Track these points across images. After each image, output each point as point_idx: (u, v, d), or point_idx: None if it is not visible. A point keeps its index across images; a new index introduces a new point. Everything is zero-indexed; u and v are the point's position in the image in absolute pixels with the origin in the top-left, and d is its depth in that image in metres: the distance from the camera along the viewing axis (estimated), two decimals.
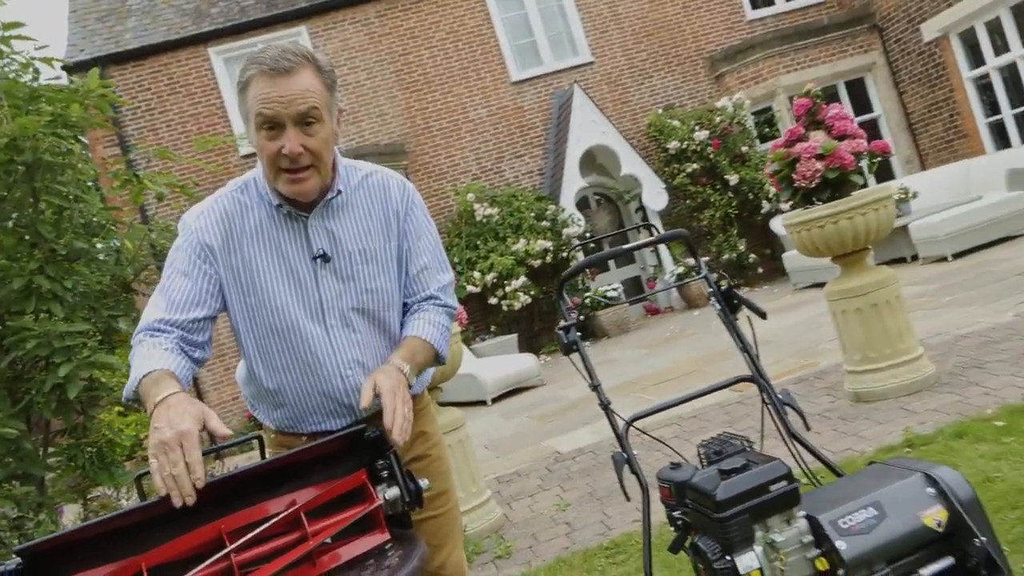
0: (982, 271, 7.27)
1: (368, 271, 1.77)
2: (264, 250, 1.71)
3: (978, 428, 3.32)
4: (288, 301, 1.72)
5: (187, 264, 1.70)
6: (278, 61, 1.57)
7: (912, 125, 12.70)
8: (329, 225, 1.74)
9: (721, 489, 1.89)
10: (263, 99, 1.58)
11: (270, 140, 1.60)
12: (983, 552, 1.84)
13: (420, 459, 1.93)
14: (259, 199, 1.73)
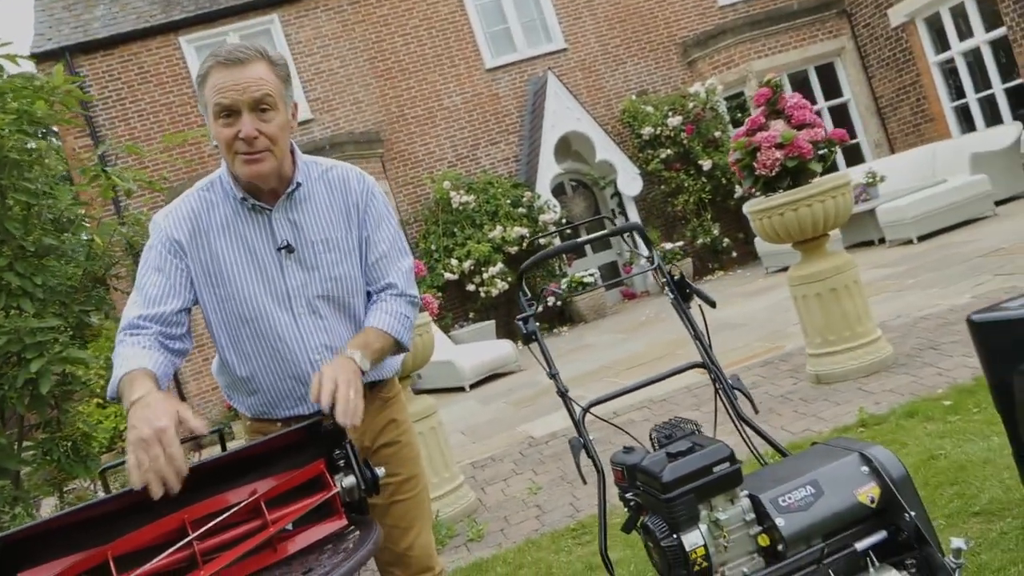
0: (945, 254, 7.45)
1: (331, 259, 1.84)
2: (230, 243, 1.79)
3: (927, 407, 3.45)
4: (256, 291, 1.79)
5: (159, 260, 1.77)
6: (232, 53, 1.67)
7: (881, 109, 12.88)
8: (292, 216, 1.82)
9: (667, 471, 1.99)
10: (219, 88, 1.66)
11: (227, 127, 1.68)
12: (912, 526, 1.96)
13: (390, 445, 2.00)
14: (224, 195, 1.81)
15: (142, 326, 1.73)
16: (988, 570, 2.07)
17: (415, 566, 2.02)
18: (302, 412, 1.87)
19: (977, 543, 2.24)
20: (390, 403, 2.01)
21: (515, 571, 3.17)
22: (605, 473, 2.36)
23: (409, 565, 2.01)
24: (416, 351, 4.07)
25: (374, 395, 1.96)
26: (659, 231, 12.14)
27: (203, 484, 1.58)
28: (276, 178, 1.78)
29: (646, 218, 12.25)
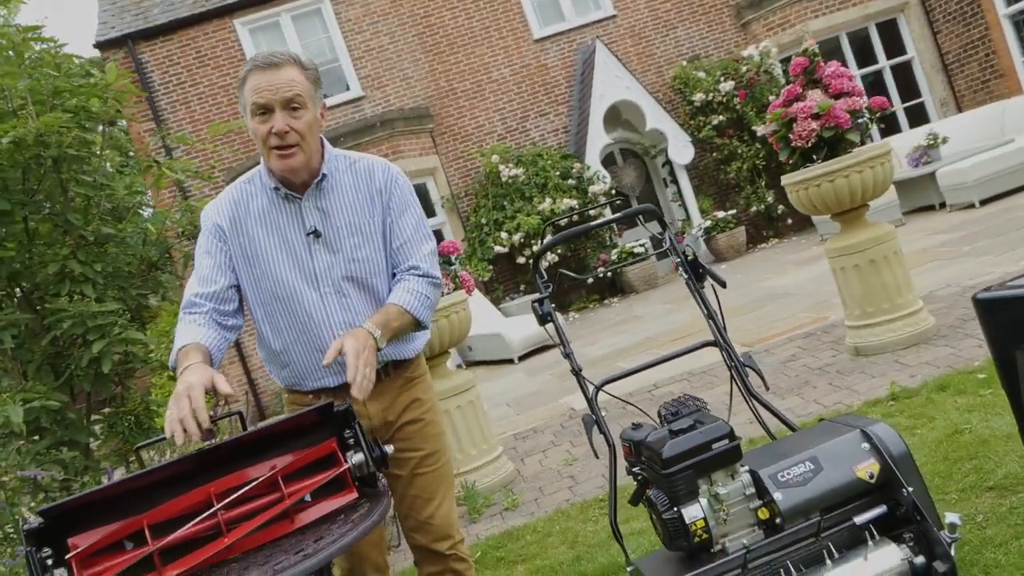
0: (1007, 218, 7.20)
1: (354, 242, 2.01)
2: (265, 229, 2.00)
3: (960, 381, 3.43)
4: (287, 272, 1.99)
5: (208, 245, 2.01)
6: (268, 58, 1.89)
7: (947, 66, 12.36)
8: (320, 204, 2.00)
9: (668, 447, 2.08)
10: (255, 89, 1.88)
11: (262, 123, 1.89)
12: (910, 501, 2.01)
13: (414, 423, 2.13)
14: (262, 187, 2.02)
15: (198, 303, 1.95)
16: (991, 544, 2.10)
17: (436, 533, 2.17)
18: (328, 384, 2.05)
19: (986, 517, 2.26)
20: (415, 382, 2.14)
21: (543, 539, 3.31)
22: (616, 448, 2.46)
23: (430, 531, 2.16)
24: (453, 327, 4.21)
25: (398, 374, 2.10)
26: (711, 199, 11.99)
27: (227, 461, 1.75)
28: (306, 171, 1.97)
29: (698, 186, 12.10)
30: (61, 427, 3.61)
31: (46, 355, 3.62)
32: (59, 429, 3.60)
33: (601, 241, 11.35)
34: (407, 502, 2.15)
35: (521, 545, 3.34)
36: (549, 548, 3.21)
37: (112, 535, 1.64)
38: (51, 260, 3.55)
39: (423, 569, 2.21)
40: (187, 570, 1.61)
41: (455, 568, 2.19)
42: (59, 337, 3.61)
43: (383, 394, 2.05)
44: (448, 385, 4.28)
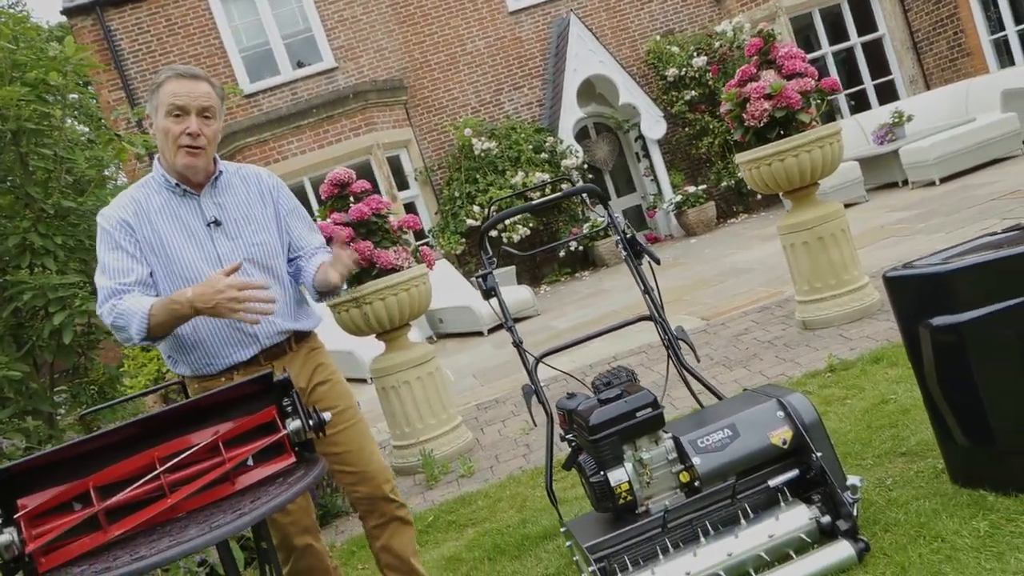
0: (962, 196, 7.38)
1: (251, 229, 2.25)
2: (169, 222, 2.18)
3: (893, 353, 3.58)
4: (194, 259, 2.17)
5: (116, 240, 2.14)
6: (188, 70, 2.15)
7: (917, 44, 12.50)
8: (216, 200, 2.23)
9: (595, 415, 2.21)
10: (175, 93, 2.11)
11: (176, 123, 2.10)
12: (819, 466, 2.16)
13: (323, 383, 2.33)
14: (158, 186, 2.21)
15: (124, 289, 2.10)
16: (895, 505, 2.26)
17: (378, 477, 2.35)
18: (240, 359, 2.20)
19: (894, 481, 2.42)
20: (316, 351, 2.37)
21: (494, 504, 3.45)
22: (554, 417, 2.59)
23: (372, 478, 2.34)
24: (413, 300, 4.31)
25: (301, 345, 2.31)
26: (683, 174, 12.10)
27: (170, 427, 1.85)
28: (204, 173, 2.20)
29: (670, 161, 12.21)
30: (24, 397, 3.69)
31: (8, 326, 3.68)
32: (22, 399, 3.68)
33: (574, 215, 11.45)
34: (339, 459, 2.32)
35: (472, 510, 3.48)
36: (499, 512, 3.35)
37: (59, 496, 1.74)
38: (12, 233, 3.61)
39: (369, 520, 2.37)
40: (131, 529, 1.72)
41: (398, 515, 2.37)
42: (21, 308, 3.67)
43: (292, 363, 2.24)
44: (408, 357, 4.40)
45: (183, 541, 1.57)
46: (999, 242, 2.16)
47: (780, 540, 2.14)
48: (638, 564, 2.16)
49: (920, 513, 2.16)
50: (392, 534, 2.36)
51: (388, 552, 2.37)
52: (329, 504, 3.99)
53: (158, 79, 2.13)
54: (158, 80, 2.12)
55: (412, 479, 4.31)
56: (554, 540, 2.87)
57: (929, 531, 2.05)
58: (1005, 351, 2.00)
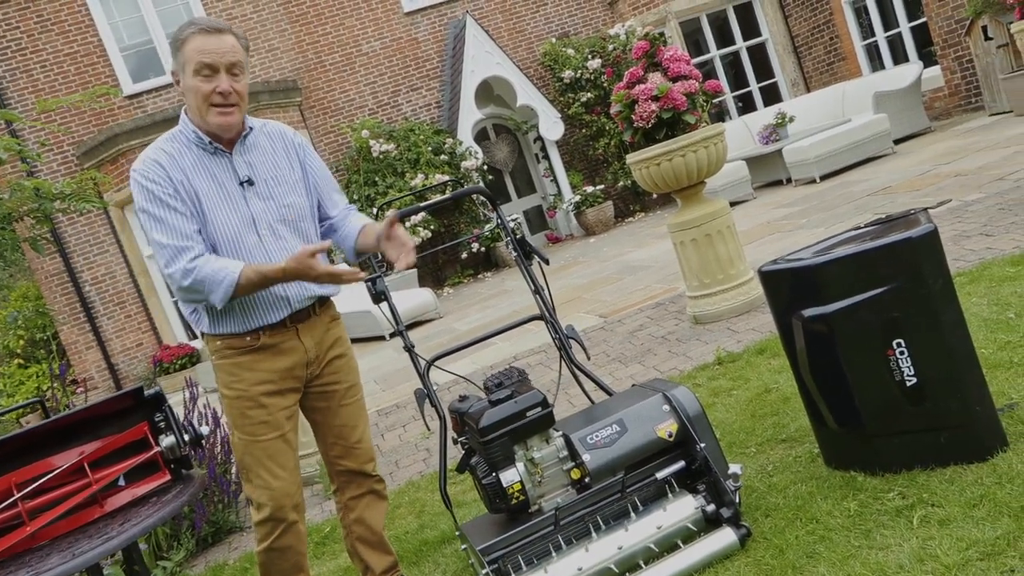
0: (840, 193, 7.80)
1: (282, 190, 2.20)
2: (204, 180, 2.11)
3: (776, 345, 3.74)
4: (229, 217, 2.12)
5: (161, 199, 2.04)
6: (211, 24, 2.05)
7: (797, 48, 13.13)
8: (247, 158, 2.17)
9: (485, 417, 2.21)
10: (202, 50, 2.01)
11: (205, 82, 2.03)
12: (703, 456, 2.22)
13: (340, 357, 2.32)
14: (188, 142, 2.12)
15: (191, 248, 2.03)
16: (775, 490, 2.35)
17: (363, 456, 2.36)
18: (269, 321, 2.15)
19: (775, 467, 2.52)
20: (336, 322, 2.35)
21: (393, 511, 3.40)
22: (447, 420, 2.57)
23: (358, 455, 2.35)
24: None
25: (323, 311, 2.28)
26: (582, 174, 12.31)
27: (30, 450, 1.73)
28: (235, 130, 2.13)
29: (569, 161, 12.40)
30: None
31: None
32: None
33: (474, 216, 11.46)
34: (334, 431, 2.32)
35: None
36: (397, 519, 3.31)
37: None
38: None
39: (346, 493, 2.37)
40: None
41: (375, 489, 2.39)
42: None
43: (315, 328, 2.22)
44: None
45: (42, 572, 1.47)
46: (863, 236, 2.28)
47: (668, 531, 2.20)
48: (531, 563, 2.17)
49: (797, 497, 2.25)
50: (367, 506, 2.38)
51: (361, 524, 2.37)
52: (221, 520, 3.85)
53: (180, 35, 2.03)
54: (180, 36, 2.02)
55: (309, 489, 4.20)
56: (452, 544, 2.85)
57: (805, 513, 2.14)
58: (870, 339, 2.11)
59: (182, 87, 2.07)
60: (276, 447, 2.13)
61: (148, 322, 10.87)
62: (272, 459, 2.11)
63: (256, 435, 2.10)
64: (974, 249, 4.28)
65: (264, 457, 2.10)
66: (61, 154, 10.55)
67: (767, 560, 2.00)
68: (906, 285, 2.05)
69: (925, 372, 2.07)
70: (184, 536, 3.62)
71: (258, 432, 2.10)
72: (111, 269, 10.79)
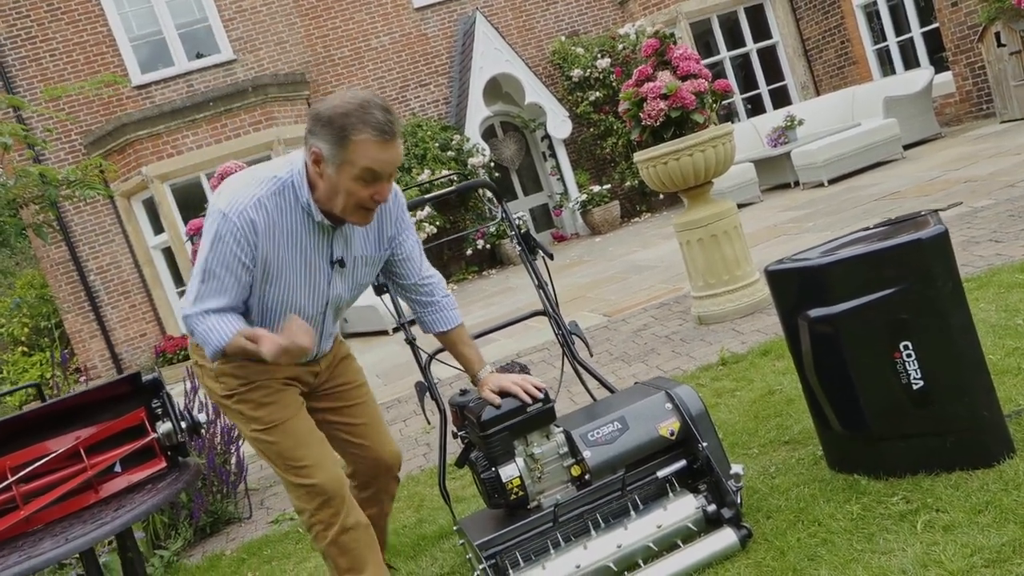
0: (848, 197, 7.75)
1: (363, 272, 2.11)
2: (292, 251, 1.93)
3: (780, 346, 3.71)
4: (302, 295, 2.00)
5: (233, 260, 1.87)
6: (389, 127, 1.80)
7: (808, 51, 13.08)
8: (346, 234, 2.01)
9: (486, 411, 2.18)
10: (377, 161, 1.81)
11: (365, 187, 1.83)
12: (704, 456, 2.19)
13: (347, 358, 2.36)
14: (295, 204, 1.90)
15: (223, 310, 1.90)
16: (778, 491, 2.33)
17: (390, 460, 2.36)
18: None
19: (777, 468, 2.49)
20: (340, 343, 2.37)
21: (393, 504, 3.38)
22: (447, 414, 2.55)
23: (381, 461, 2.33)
24: None
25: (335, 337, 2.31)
26: (588, 173, 12.28)
27: (25, 434, 1.72)
28: None
29: (576, 160, 12.37)
30: None
31: None
32: None
33: (480, 213, 11.44)
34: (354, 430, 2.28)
35: None
36: (396, 513, 3.28)
37: None
38: None
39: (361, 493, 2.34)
40: None
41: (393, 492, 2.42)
42: None
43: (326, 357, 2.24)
44: None
45: (34, 556, 1.45)
46: (870, 237, 2.25)
47: (668, 530, 2.17)
48: (529, 559, 2.15)
49: (799, 499, 2.23)
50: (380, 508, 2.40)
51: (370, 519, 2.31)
52: (220, 511, 3.83)
53: (348, 128, 1.76)
54: (349, 130, 1.76)
55: None
56: (450, 539, 2.83)
57: (807, 516, 2.12)
58: (876, 341, 2.09)
59: (324, 176, 1.83)
60: (300, 426, 2.05)
61: (152, 312, 10.88)
62: (302, 439, 2.03)
63: (275, 418, 2.00)
64: (983, 255, 4.25)
65: (293, 442, 2.01)
66: (69, 143, 10.56)
67: (768, 562, 1.97)
68: (915, 287, 2.02)
69: (932, 375, 2.04)
70: (182, 525, 3.61)
71: (275, 415, 2.00)
72: (116, 259, 10.80)
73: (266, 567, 3.15)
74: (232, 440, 4.05)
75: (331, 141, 1.78)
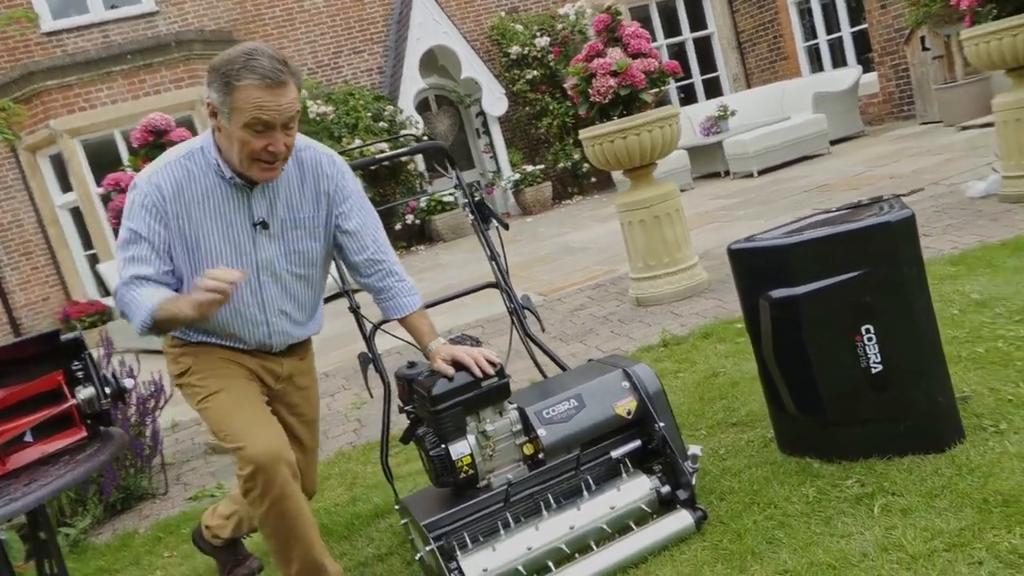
0: (777, 188, 7.91)
1: (296, 235, 2.01)
2: (209, 215, 1.90)
3: (722, 330, 3.72)
4: (229, 260, 1.93)
5: (144, 227, 1.87)
6: (274, 74, 1.74)
7: (741, 44, 13.30)
8: (267, 194, 1.95)
9: (438, 385, 2.06)
10: (261, 106, 1.74)
11: (257, 137, 1.78)
12: (661, 436, 2.13)
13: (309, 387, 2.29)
14: (207, 168, 1.90)
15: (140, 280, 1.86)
16: (729, 473, 2.29)
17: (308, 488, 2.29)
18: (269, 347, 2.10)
19: (727, 450, 2.47)
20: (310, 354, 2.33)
21: (323, 482, 3.23)
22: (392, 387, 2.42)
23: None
24: None
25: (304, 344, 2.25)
26: (522, 153, 12.19)
27: None
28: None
29: (510, 139, 12.25)
30: None
31: None
32: None
33: (411, 187, 11.21)
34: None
35: None
36: (327, 491, 3.14)
37: None
38: None
39: None
40: None
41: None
42: None
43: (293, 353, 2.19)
44: None
45: None
46: (834, 219, 2.23)
47: (621, 511, 2.11)
48: (478, 541, 2.05)
49: (753, 481, 2.20)
50: None
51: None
52: (132, 486, 3.59)
53: (231, 76, 1.72)
54: (232, 78, 1.72)
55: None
56: (386, 519, 2.71)
57: (762, 498, 2.09)
58: (838, 324, 2.06)
59: (221, 129, 1.82)
60: (237, 396, 1.97)
61: (56, 275, 10.25)
62: (235, 407, 1.95)
63: (213, 388, 1.96)
64: None
65: (227, 408, 1.94)
66: None
67: (725, 544, 1.93)
68: (880, 270, 2.00)
69: (892, 360, 2.03)
70: (91, 501, 3.37)
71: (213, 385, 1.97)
72: (18, 217, 10.11)
73: (185, 546, 2.95)
74: (148, 412, 3.80)
75: (219, 90, 1.77)
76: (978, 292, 3.27)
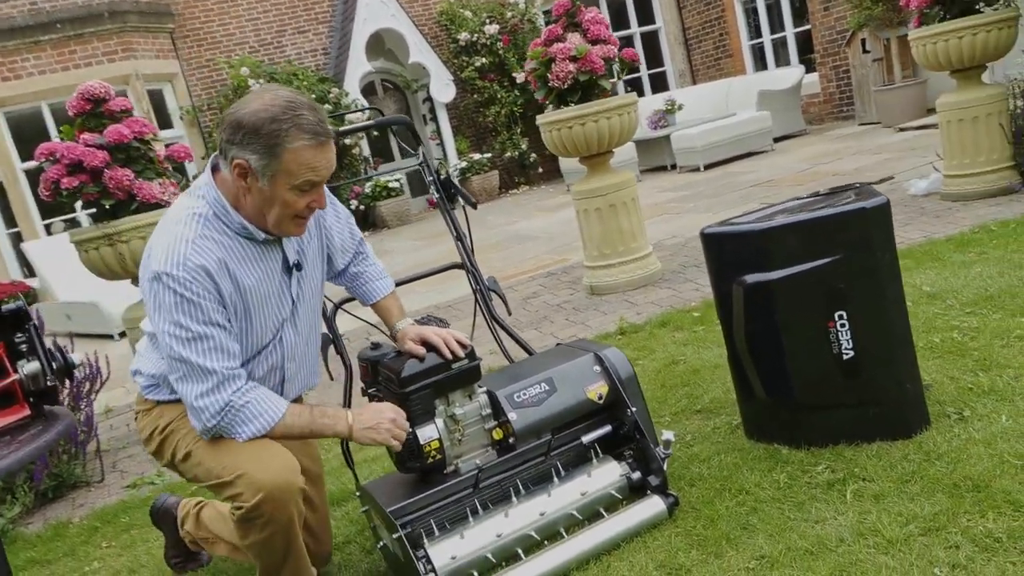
0: (725, 182, 8.01)
1: (318, 271, 1.95)
2: (251, 275, 1.75)
3: (679, 318, 3.72)
4: (270, 312, 1.81)
5: (199, 310, 1.66)
6: (322, 131, 1.63)
7: (688, 40, 13.44)
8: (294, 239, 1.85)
9: (407, 366, 1.98)
10: (313, 167, 1.64)
11: (302, 197, 1.67)
12: (633, 421, 2.10)
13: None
14: (232, 232, 1.72)
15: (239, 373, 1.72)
16: (698, 459, 2.28)
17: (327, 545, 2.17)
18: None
19: (693, 437, 2.45)
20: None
21: None
22: (354, 369, 2.33)
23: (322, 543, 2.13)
24: None
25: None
26: (469, 141, 12.08)
27: None
28: None
29: (457, 126, 12.12)
30: None
31: None
32: None
33: (355, 172, 10.99)
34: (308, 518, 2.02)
35: None
36: None
37: None
38: None
39: None
40: None
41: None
42: None
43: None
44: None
45: None
46: (807, 206, 2.22)
47: (592, 497, 2.07)
48: (445, 528, 1.98)
49: (722, 467, 2.18)
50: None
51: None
52: (65, 473, 3.40)
53: (280, 135, 1.56)
54: (279, 137, 1.56)
55: None
56: (343, 506, 2.61)
57: (733, 484, 2.07)
58: (811, 309, 2.06)
59: (254, 188, 1.64)
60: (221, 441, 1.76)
61: None
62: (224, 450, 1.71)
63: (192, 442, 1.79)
64: None
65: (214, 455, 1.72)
66: None
67: (698, 530, 1.91)
68: (855, 256, 2.00)
69: (863, 346, 2.04)
70: (20, 489, 3.16)
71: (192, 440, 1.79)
72: None
73: (124, 536, 2.80)
74: (82, 395, 3.60)
75: (261, 152, 1.60)
76: (928, 285, 3.34)
